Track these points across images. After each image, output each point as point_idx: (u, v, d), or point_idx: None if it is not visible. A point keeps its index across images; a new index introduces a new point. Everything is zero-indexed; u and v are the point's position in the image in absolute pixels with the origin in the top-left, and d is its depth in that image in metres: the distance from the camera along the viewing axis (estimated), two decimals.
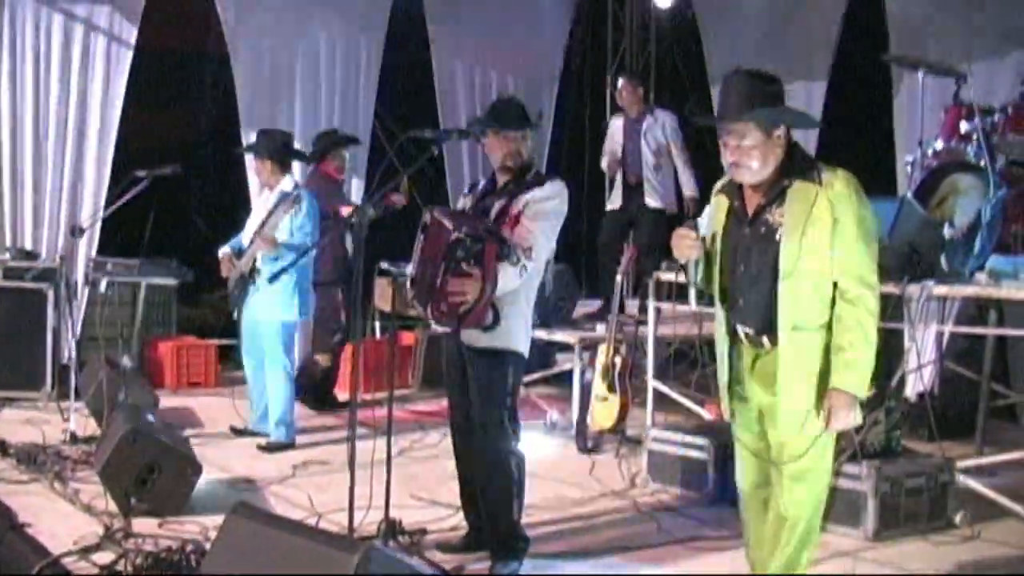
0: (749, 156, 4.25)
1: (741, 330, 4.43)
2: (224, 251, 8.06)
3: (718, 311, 4.54)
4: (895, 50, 10.29)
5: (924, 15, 10.20)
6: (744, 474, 4.68)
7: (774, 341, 4.30)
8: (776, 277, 4.23)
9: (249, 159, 9.75)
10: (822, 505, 4.55)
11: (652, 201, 10.05)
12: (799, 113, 4.47)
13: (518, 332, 5.40)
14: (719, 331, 4.54)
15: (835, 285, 4.24)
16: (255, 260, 7.82)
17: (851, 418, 4.25)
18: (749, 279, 4.35)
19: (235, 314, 8.11)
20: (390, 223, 9.15)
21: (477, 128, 5.68)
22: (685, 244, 4.44)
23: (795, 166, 4.29)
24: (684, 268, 4.59)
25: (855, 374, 4.21)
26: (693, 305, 7.34)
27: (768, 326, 4.31)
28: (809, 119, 4.45)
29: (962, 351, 8.78)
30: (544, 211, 5.35)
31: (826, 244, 4.17)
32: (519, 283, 5.28)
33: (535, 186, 5.40)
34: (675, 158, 10.15)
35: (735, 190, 4.44)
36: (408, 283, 5.44)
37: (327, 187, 9.08)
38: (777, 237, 4.24)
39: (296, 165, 8.82)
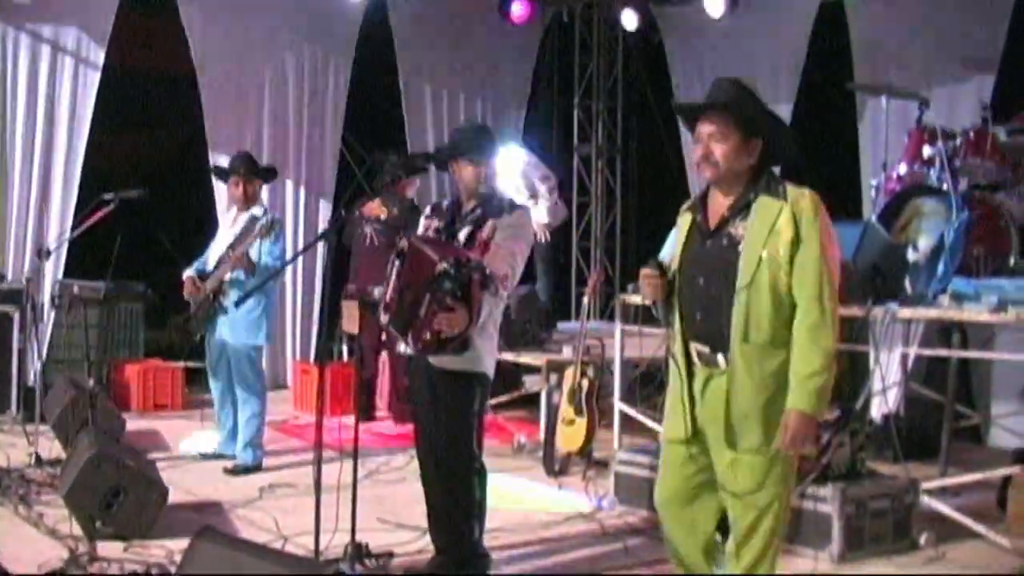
0: (718, 150, 4.24)
1: (695, 349, 4.34)
2: (188, 274, 8.04)
3: (675, 331, 4.46)
4: (859, 75, 10.40)
5: (887, 40, 10.31)
6: (664, 484, 4.58)
7: (729, 360, 4.22)
8: (734, 289, 4.18)
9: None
10: (784, 523, 4.45)
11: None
12: (783, 131, 4.43)
13: (486, 356, 5.43)
14: (675, 362, 4.43)
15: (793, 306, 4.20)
16: (222, 282, 7.80)
17: (808, 439, 4.17)
18: (706, 291, 4.29)
19: (197, 336, 8.09)
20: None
21: (448, 154, 5.68)
22: (649, 284, 4.42)
23: (762, 183, 4.26)
24: (655, 306, 4.55)
25: (810, 394, 4.12)
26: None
27: (723, 342, 4.23)
28: (790, 144, 4.40)
29: (926, 373, 8.84)
30: (513, 239, 5.40)
31: (786, 259, 4.13)
32: (494, 311, 5.36)
33: (502, 212, 5.45)
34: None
35: (700, 206, 4.41)
36: (381, 308, 5.43)
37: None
38: (739, 249, 4.20)
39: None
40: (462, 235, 5.46)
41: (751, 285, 4.15)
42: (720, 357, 4.24)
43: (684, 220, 4.47)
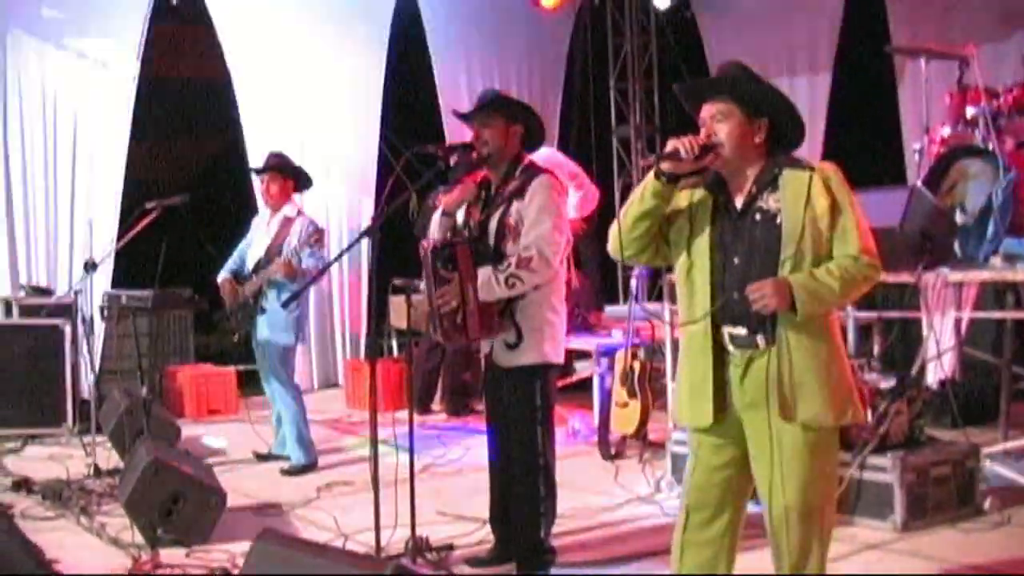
0: (721, 131, 4.11)
1: (729, 332, 4.15)
2: (224, 276, 8.06)
3: (686, 318, 4.24)
4: (897, 37, 10.30)
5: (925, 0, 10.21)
6: (693, 485, 4.33)
7: (770, 340, 4.06)
8: (776, 263, 4.04)
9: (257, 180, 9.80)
10: (834, 501, 4.30)
11: None
12: (789, 109, 4.30)
13: (545, 344, 5.37)
14: (694, 343, 4.22)
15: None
16: (264, 286, 7.81)
17: (770, 305, 3.96)
18: (745, 270, 4.10)
19: (237, 338, 8.11)
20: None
21: (468, 119, 5.57)
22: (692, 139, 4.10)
23: (781, 158, 4.16)
24: (664, 153, 4.13)
25: (813, 292, 3.96)
26: None
27: (763, 321, 4.06)
28: (797, 123, 4.26)
29: (981, 336, 8.74)
30: (538, 221, 5.26)
31: (826, 225, 4.03)
32: (511, 292, 5.25)
33: (524, 190, 5.32)
34: None
35: (718, 185, 4.24)
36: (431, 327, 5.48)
37: None
38: (777, 221, 4.07)
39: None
40: (492, 226, 5.37)
41: (795, 256, 4.02)
42: (760, 338, 4.08)
43: (697, 198, 4.24)
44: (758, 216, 4.13)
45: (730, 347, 4.15)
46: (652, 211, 4.20)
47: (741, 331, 4.12)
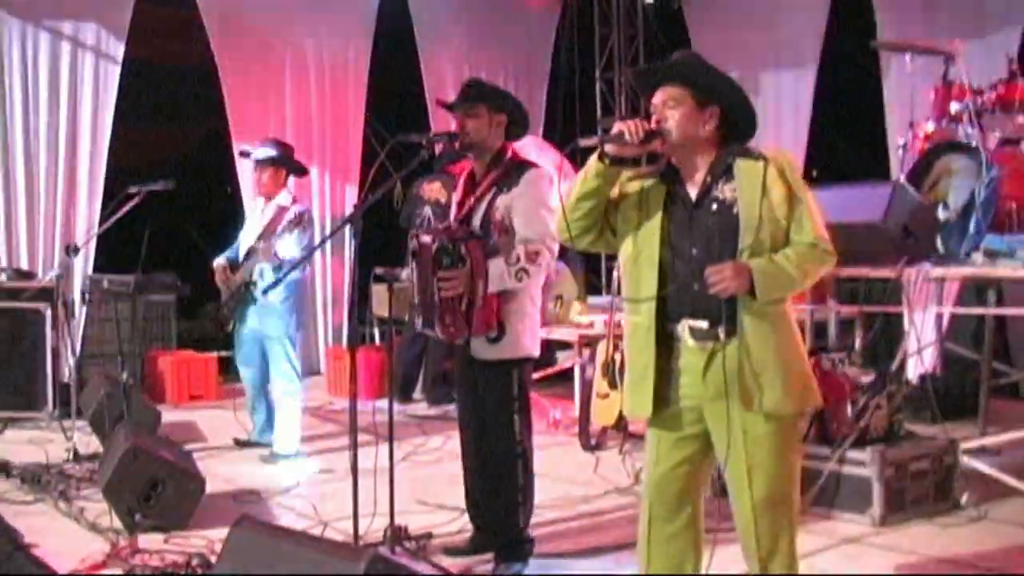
0: (671, 117, 4.10)
1: (688, 326, 4.08)
2: (218, 262, 8.03)
3: (631, 315, 4.20)
4: (883, 31, 10.31)
5: None
6: (652, 477, 4.31)
7: (732, 331, 4.00)
8: (735, 252, 3.98)
9: (245, 168, 9.77)
10: (799, 491, 4.25)
11: None
12: (741, 98, 4.22)
13: (524, 338, 5.35)
14: (637, 335, 4.16)
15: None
16: (252, 272, 7.78)
17: (729, 288, 3.90)
18: (703, 261, 4.02)
19: (230, 326, 8.09)
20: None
21: (452, 107, 5.50)
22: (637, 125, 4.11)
23: (734, 147, 4.12)
24: (608, 135, 4.13)
25: (772, 275, 3.93)
26: None
27: (725, 313, 4.00)
28: (748, 111, 4.22)
29: (962, 331, 8.78)
30: (533, 214, 5.24)
31: (783, 214, 4.00)
32: (520, 285, 5.23)
33: (510, 184, 5.29)
34: None
35: (671, 176, 4.20)
36: (418, 320, 5.42)
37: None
38: (735, 211, 4.02)
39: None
40: (477, 218, 5.32)
41: (753, 245, 3.97)
42: (720, 330, 4.02)
43: (648, 187, 4.21)
44: (714, 206, 4.08)
45: (690, 341, 4.09)
46: (593, 192, 4.17)
47: (702, 324, 4.06)
